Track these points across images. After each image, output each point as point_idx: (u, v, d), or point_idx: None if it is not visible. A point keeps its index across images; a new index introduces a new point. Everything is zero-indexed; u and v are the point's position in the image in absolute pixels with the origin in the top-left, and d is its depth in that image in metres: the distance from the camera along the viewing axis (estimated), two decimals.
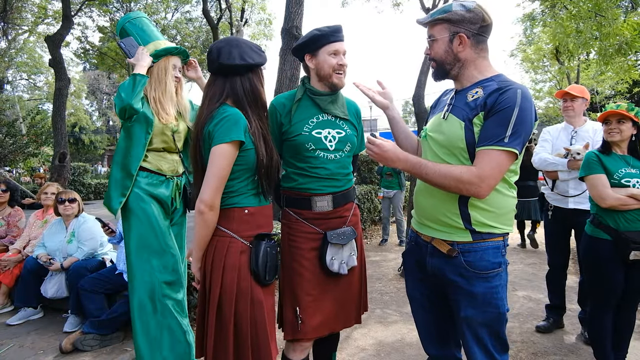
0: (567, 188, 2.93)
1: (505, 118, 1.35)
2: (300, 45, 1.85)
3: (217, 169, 1.52)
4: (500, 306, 1.46)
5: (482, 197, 1.38)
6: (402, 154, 1.48)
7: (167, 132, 2.30)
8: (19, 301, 3.47)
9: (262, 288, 1.60)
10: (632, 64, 10.02)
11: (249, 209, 1.60)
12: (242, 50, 1.62)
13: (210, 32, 14.84)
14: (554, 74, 16.38)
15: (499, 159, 1.35)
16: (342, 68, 1.82)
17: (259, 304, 1.57)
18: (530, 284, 4.33)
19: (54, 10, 15.18)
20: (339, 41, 1.81)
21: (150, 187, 2.26)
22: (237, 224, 1.59)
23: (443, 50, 1.50)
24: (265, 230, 1.66)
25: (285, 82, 4.76)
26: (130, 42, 2.33)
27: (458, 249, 1.46)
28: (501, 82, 1.44)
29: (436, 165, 1.43)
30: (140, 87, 2.15)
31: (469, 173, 1.36)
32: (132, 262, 2.18)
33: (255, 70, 1.67)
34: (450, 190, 1.41)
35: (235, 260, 1.56)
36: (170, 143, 2.34)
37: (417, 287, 1.67)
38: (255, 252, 1.57)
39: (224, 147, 1.52)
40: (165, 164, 2.34)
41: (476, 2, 1.48)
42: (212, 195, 1.52)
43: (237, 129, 1.54)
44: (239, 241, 1.58)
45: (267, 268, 1.58)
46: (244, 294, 1.55)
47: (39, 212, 3.97)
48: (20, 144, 10.18)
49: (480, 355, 1.47)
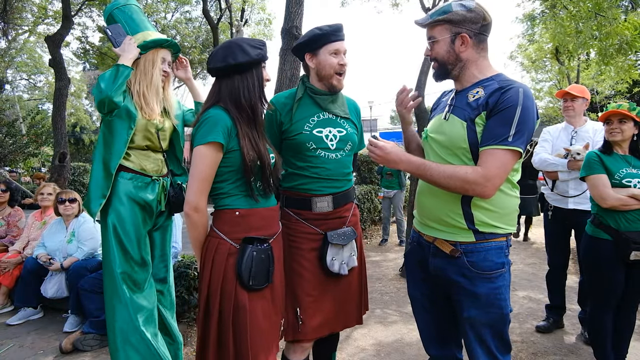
0: (567, 188, 2.93)
1: (508, 117, 1.35)
2: (301, 44, 1.84)
3: (197, 171, 1.53)
4: (503, 307, 1.45)
5: (487, 197, 1.38)
6: (405, 155, 1.48)
7: (151, 129, 2.16)
8: (18, 301, 3.48)
9: (248, 293, 1.54)
10: (632, 63, 10.01)
11: (240, 210, 1.57)
12: (227, 52, 1.59)
13: (210, 32, 14.83)
14: (554, 73, 16.38)
15: (504, 158, 1.35)
16: (343, 68, 1.81)
17: (243, 309, 1.52)
18: (530, 284, 4.33)
19: (54, 10, 15.16)
20: (339, 40, 1.80)
21: (136, 190, 2.12)
22: (227, 225, 1.58)
23: (445, 51, 1.49)
24: (262, 232, 1.60)
25: (285, 82, 4.75)
26: (118, 29, 2.16)
27: (461, 249, 1.46)
28: (502, 81, 1.43)
29: (440, 166, 1.42)
30: (122, 79, 1.99)
31: (475, 173, 1.35)
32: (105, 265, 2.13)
33: (245, 69, 1.59)
34: (456, 191, 1.40)
35: (222, 262, 1.54)
36: (155, 141, 2.20)
37: (418, 287, 1.67)
38: (240, 255, 1.53)
39: (201, 148, 1.52)
40: (149, 164, 2.21)
41: (475, 1, 1.47)
42: (195, 197, 1.53)
43: (216, 131, 1.51)
44: (228, 243, 1.56)
45: (252, 273, 1.51)
46: (228, 297, 1.52)
47: (37, 212, 3.97)
48: (20, 144, 10.18)
49: (482, 356, 1.46)
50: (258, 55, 1.61)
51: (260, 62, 1.63)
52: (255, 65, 1.62)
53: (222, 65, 1.58)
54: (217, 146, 1.52)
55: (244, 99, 1.59)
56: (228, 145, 1.55)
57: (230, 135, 1.55)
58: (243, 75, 1.60)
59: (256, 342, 1.54)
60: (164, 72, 2.22)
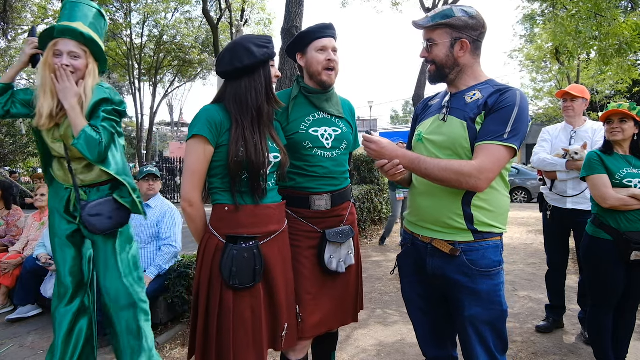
0: (566, 188, 2.93)
1: (505, 116, 1.40)
2: (290, 45, 1.88)
3: (186, 165, 1.56)
4: (503, 303, 1.49)
5: (480, 190, 1.41)
6: (400, 150, 1.50)
7: (47, 136, 2.00)
8: (18, 301, 3.48)
9: (234, 292, 1.51)
10: (631, 63, 10.02)
11: (229, 206, 1.57)
12: (233, 55, 1.58)
13: (210, 32, 14.84)
14: (554, 73, 16.40)
15: (499, 153, 1.39)
16: (331, 64, 1.81)
17: (227, 309, 1.51)
18: (530, 284, 4.32)
19: (54, 10, 15.19)
20: (326, 37, 1.81)
21: (52, 199, 2.14)
22: (216, 220, 1.59)
23: (444, 54, 1.51)
24: (252, 230, 1.57)
25: (285, 82, 4.76)
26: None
27: (460, 248, 1.47)
28: (497, 85, 1.50)
29: (435, 160, 1.44)
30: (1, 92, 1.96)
31: (469, 166, 1.38)
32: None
33: (252, 70, 1.58)
34: (450, 183, 1.41)
35: (209, 257, 1.56)
36: (56, 148, 2.03)
37: (414, 289, 1.67)
38: (221, 253, 1.53)
39: (189, 142, 1.56)
40: (60, 172, 2.10)
41: (474, 9, 1.50)
42: (187, 190, 1.55)
43: (201, 124, 1.52)
44: (217, 238, 1.56)
45: (232, 272, 1.48)
46: (215, 292, 1.53)
47: (36, 213, 3.97)
48: (20, 144, 10.18)
49: (482, 354, 1.47)
50: (264, 55, 1.58)
51: (267, 62, 1.61)
52: (262, 65, 1.60)
53: (229, 69, 1.58)
54: (202, 139, 1.53)
55: (250, 100, 1.58)
56: (218, 140, 1.55)
57: (219, 130, 1.55)
58: (250, 76, 1.59)
59: (241, 342, 1.52)
60: (62, 65, 1.87)
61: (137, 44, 19.19)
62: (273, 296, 1.63)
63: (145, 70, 20.31)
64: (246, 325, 1.54)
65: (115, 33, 18.08)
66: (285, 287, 1.67)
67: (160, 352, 2.88)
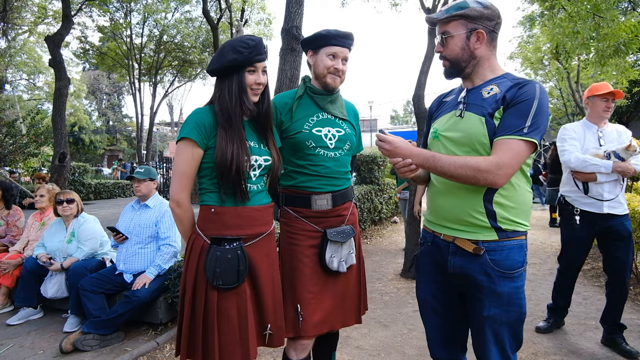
0: (602, 192, 2.75)
1: (525, 109, 1.35)
2: (306, 40, 1.89)
3: (175, 166, 1.58)
4: (522, 305, 1.45)
5: (499, 185, 1.36)
6: (415, 148, 1.46)
7: None
8: (18, 301, 3.48)
9: (219, 292, 1.53)
10: (629, 65, 10.03)
11: (215, 208, 1.59)
12: (217, 54, 1.60)
13: (210, 32, 14.83)
14: (553, 73, 16.40)
15: (518, 148, 1.34)
16: (337, 72, 1.84)
17: (212, 309, 1.52)
18: (530, 284, 4.33)
19: (54, 10, 15.17)
20: (341, 46, 1.82)
21: None
22: (203, 221, 1.61)
23: (459, 47, 1.47)
24: (239, 232, 1.58)
25: (285, 82, 4.75)
26: None
27: (484, 247, 1.43)
28: (515, 78, 1.44)
29: (450, 157, 1.40)
30: None
31: (487, 162, 1.34)
32: None
33: (225, 73, 1.58)
34: (467, 180, 1.37)
35: (195, 258, 1.57)
36: None
37: (430, 289, 1.63)
38: (205, 254, 1.55)
39: (178, 144, 1.58)
40: None
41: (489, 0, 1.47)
42: (176, 191, 1.57)
43: (190, 127, 1.55)
44: (202, 239, 1.58)
45: (216, 273, 1.50)
46: (200, 292, 1.55)
47: (36, 213, 3.97)
48: (20, 144, 10.16)
49: (496, 355, 1.45)
50: (232, 61, 1.55)
51: (240, 67, 1.57)
52: (236, 69, 1.57)
53: (209, 69, 1.62)
54: (190, 142, 1.55)
55: (227, 104, 1.58)
56: (207, 142, 1.57)
57: (208, 133, 1.57)
58: (224, 79, 1.61)
59: (227, 341, 1.53)
60: None
61: (137, 44, 19.18)
62: (259, 297, 1.64)
63: (145, 70, 20.30)
64: (232, 324, 1.55)
65: (115, 33, 18.09)
66: (271, 288, 1.68)
67: (160, 352, 2.88)
